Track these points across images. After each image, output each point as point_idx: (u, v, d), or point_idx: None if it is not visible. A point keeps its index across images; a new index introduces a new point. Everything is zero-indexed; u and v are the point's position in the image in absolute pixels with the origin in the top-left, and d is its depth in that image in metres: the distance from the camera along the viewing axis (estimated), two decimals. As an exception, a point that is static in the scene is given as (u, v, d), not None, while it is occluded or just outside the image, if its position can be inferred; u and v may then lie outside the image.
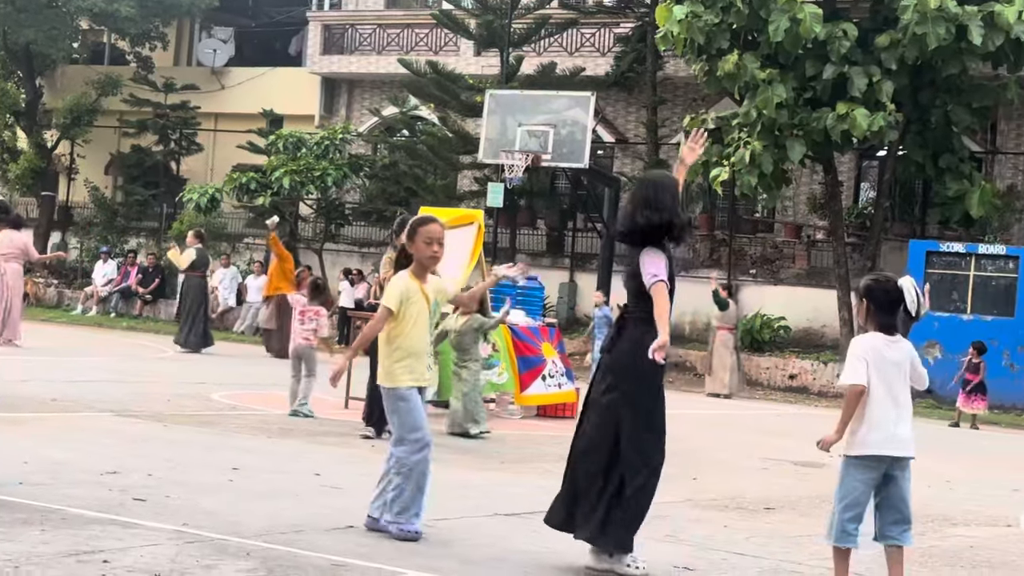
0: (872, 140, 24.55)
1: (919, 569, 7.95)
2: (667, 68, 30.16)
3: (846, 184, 29.09)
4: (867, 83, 23.38)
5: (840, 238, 26.03)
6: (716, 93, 27.38)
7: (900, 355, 6.69)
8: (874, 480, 6.63)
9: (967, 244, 24.59)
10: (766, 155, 23.94)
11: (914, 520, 9.90)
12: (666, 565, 7.32)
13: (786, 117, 23.84)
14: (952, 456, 15.76)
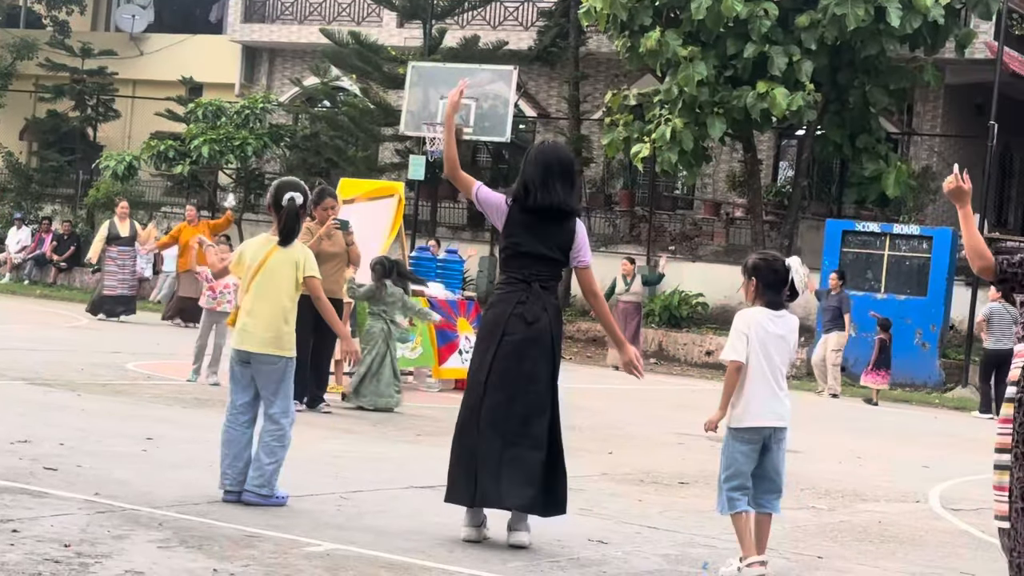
0: (791, 119, 24.75)
1: (829, 544, 8.07)
2: (590, 44, 30.19)
3: (765, 163, 29.33)
4: (787, 62, 23.57)
5: (758, 216, 26.25)
6: (638, 70, 27.48)
7: (784, 329, 6.84)
8: (755, 451, 6.79)
9: (882, 224, 24.89)
10: (687, 132, 24.07)
11: (825, 496, 10.10)
12: (581, 538, 7.36)
13: (707, 95, 23.98)
14: (864, 433, 15.99)
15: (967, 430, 17.44)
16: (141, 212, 31.81)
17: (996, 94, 24.45)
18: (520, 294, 7.08)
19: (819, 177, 30.06)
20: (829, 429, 16.08)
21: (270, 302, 7.55)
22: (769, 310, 6.82)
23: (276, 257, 7.59)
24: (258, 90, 34.03)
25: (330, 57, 30.71)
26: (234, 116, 30.28)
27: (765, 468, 6.81)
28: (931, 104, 28.70)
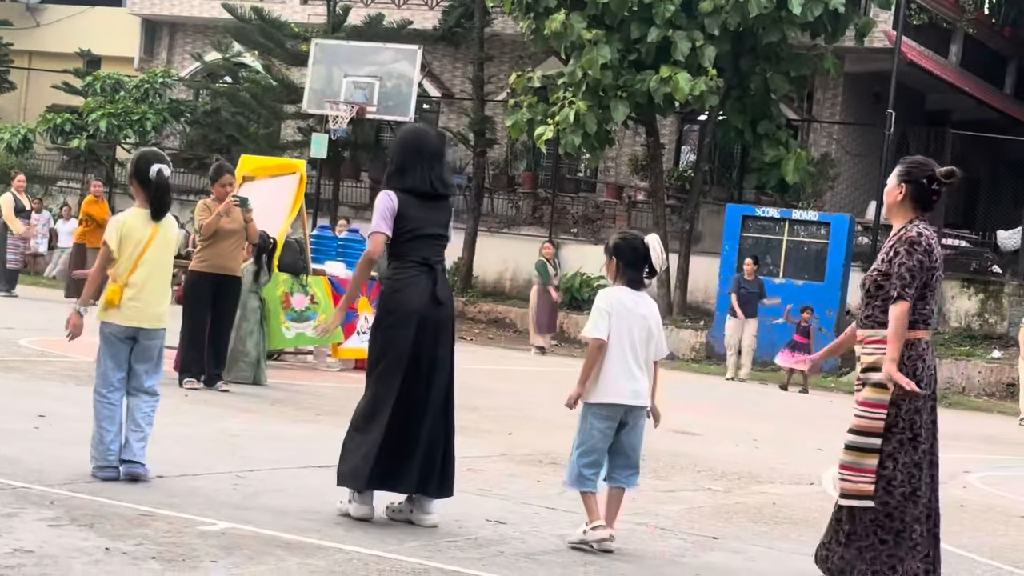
0: (694, 104, 24.91)
1: (724, 525, 8.14)
2: (495, 25, 30.15)
3: (667, 147, 29.51)
4: (690, 47, 23.70)
5: (660, 200, 26.41)
6: (543, 52, 27.50)
7: (646, 309, 6.92)
8: (611, 428, 6.88)
9: (782, 209, 25.15)
10: (590, 115, 24.13)
11: (721, 477, 10.20)
12: (479, 518, 7.36)
13: (611, 78, 24.06)
14: (761, 417, 16.17)
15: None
16: (36, 186, 31.27)
17: (894, 83, 24.80)
18: (426, 277, 7.08)
19: (720, 162, 30.31)
20: (728, 412, 16.24)
21: (157, 278, 7.51)
22: (630, 289, 6.90)
23: (159, 233, 7.51)
24: (158, 64, 33.59)
25: (232, 32, 30.37)
26: (133, 90, 29.87)
27: (622, 445, 6.90)
28: (831, 92, 29.04)
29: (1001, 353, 23.74)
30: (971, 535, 8.75)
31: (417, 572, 5.96)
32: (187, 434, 9.35)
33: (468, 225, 28.89)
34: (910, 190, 6.31)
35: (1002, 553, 8.18)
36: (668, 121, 29.37)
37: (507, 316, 27.33)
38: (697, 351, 24.68)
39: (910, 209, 6.32)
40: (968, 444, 15.32)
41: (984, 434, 16.83)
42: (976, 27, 31.19)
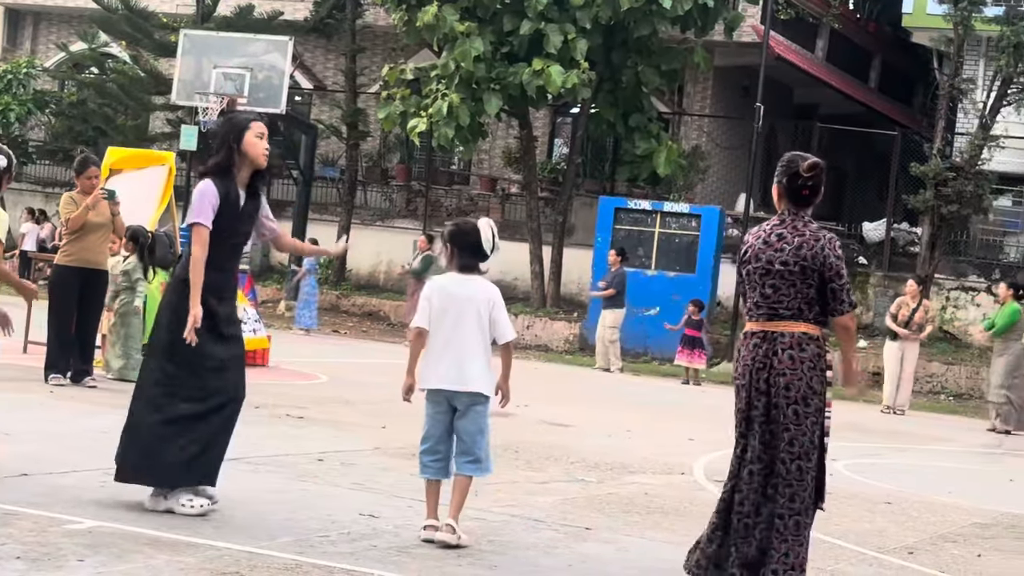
0: (566, 97, 25.04)
1: (597, 515, 8.19)
2: (367, 16, 30.00)
3: (540, 139, 29.61)
4: (562, 41, 23.80)
5: (534, 192, 26.50)
6: (415, 44, 27.42)
7: (472, 291, 6.90)
8: (441, 413, 6.86)
9: (653, 202, 25.38)
10: (463, 108, 24.12)
11: (594, 468, 10.26)
12: (352, 512, 7.32)
13: (483, 71, 24.07)
14: (634, 407, 16.30)
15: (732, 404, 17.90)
16: None
17: (762, 77, 25.16)
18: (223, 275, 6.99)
19: (593, 155, 30.49)
20: (600, 403, 16.35)
21: None
22: (459, 274, 6.93)
23: None
24: (22, 54, 32.86)
25: (99, 22, 29.83)
26: (-4, 81, 29.17)
27: (459, 431, 6.89)
28: (701, 85, 29.37)
29: (867, 343, 24.22)
30: (837, 522, 8.91)
31: (290, 568, 5.90)
32: (53, 431, 9.16)
33: (341, 218, 28.73)
34: (781, 189, 6.46)
35: (867, 539, 8.34)
36: (541, 114, 29.48)
37: (381, 309, 27.24)
38: (571, 343, 24.82)
39: (785, 205, 6.51)
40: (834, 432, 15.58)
41: (850, 422, 17.13)
42: (841, 22, 31.77)
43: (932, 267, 23.96)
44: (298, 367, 16.41)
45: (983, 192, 24.09)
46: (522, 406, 14.39)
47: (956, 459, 14.47)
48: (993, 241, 26.28)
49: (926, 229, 24.53)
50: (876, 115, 32.14)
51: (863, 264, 26.16)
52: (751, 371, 6.31)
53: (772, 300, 6.32)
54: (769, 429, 6.29)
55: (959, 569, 7.66)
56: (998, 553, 8.32)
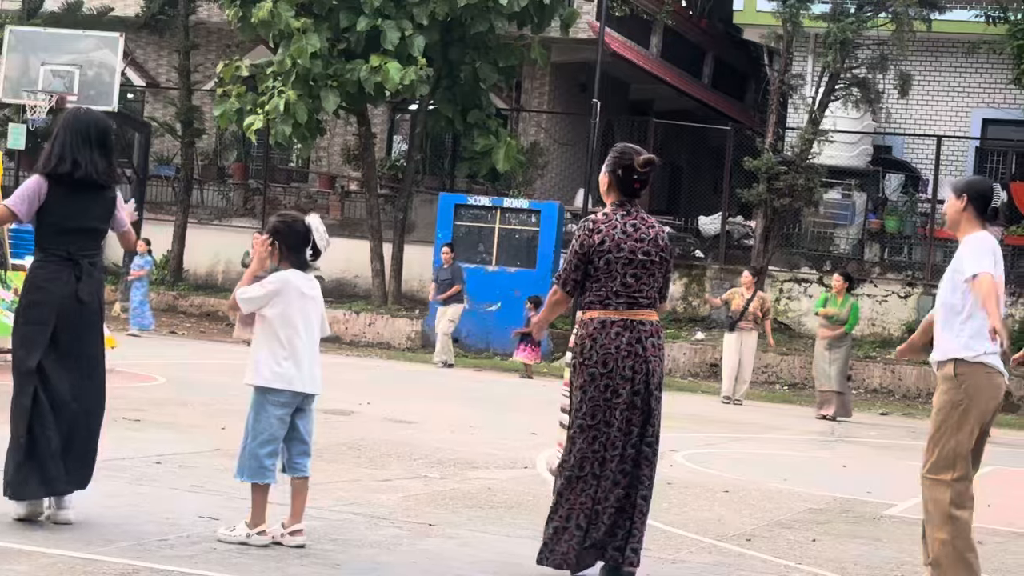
0: (404, 93, 24.96)
1: (440, 511, 8.19)
2: (200, 12, 29.56)
3: (379, 136, 29.50)
4: (399, 37, 23.73)
5: (373, 190, 26.39)
6: (251, 40, 27.10)
7: (316, 292, 6.91)
8: (289, 415, 6.78)
9: (493, 198, 25.46)
10: (301, 105, 23.91)
11: (437, 464, 10.26)
12: (191, 515, 7.21)
13: (320, 67, 23.88)
14: (475, 402, 16.34)
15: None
16: None
17: (599, 73, 25.40)
18: (68, 273, 6.78)
19: (432, 151, 30.47)
20: (443, 399, 16.35)
21: None
22: (300, 272, 6.86)
23: None
24: None
25: (-80, 18, 28.88)
26: None
27: (299, 431, 6.82)
28: (539, 81, 29.54)
29: (704, 335, 24.63)
30: (678, 511, 9.04)
31: (127, 573, 5.79)
32: None
33: (177, 217, 28.28)
34: (613, 179, 6.55)
35: (707, 527, 8.47)
36: (379, 111, 29.37)
37: (219, 309, 26.87)
38: (412, 340, 24.79)
39: (615, 196, 6.58)
40: (675, 423, 15.82)
41: (689, 413, 17.41)
42: (675, 19, 32.22)
43: (766, 259, 24.44)
44: (135, 369, 16.10)
45: (814, 185, 24.64)
46: (364, 404, 14.33)
47: (791, 447, 14.79)
48: (824, 233, 26.90)
49: (760, 222, 25.02)
50: (710, 110, 32.69)
51: (699, 257, 26.58)
52: (615, 359, 6.40)
53: (634, 289, 6.44)
54: (628, 416, 6.39)
55: (795, 554, 7.83)
56: (831, 537, 8.52)
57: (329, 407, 13.54)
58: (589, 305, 6.49)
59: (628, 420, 6.43)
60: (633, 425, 6.45)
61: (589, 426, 6.44)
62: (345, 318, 25.43)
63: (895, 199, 26.45)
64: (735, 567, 7.29)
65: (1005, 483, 13.04)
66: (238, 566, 6.16)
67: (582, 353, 6.46)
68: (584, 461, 6.44)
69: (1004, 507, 10.84)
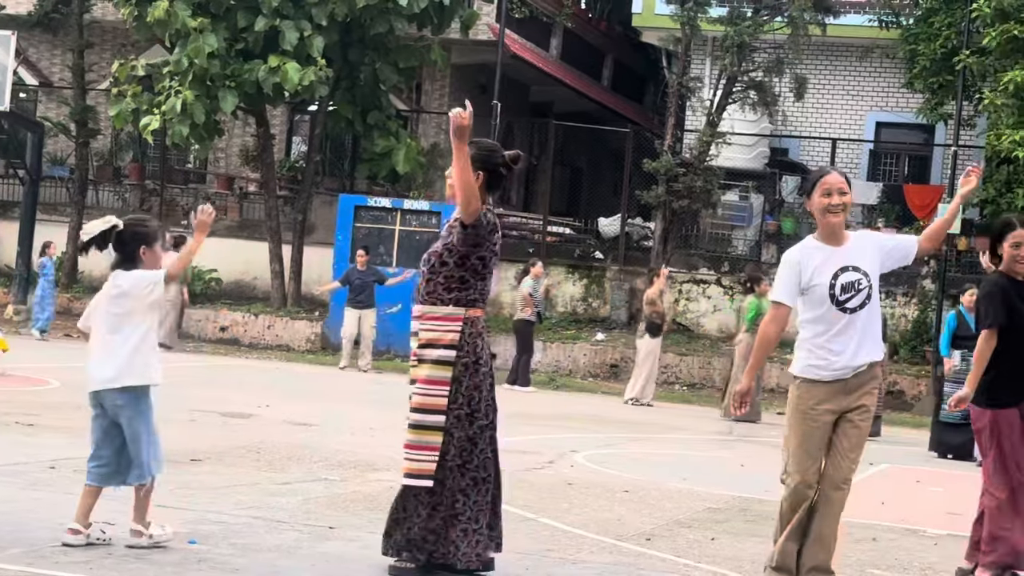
0: (303, 94, 24.79)
1: (341, 514, 8.14)
2: (95, 11, 29.11)
3: (278, 137, 29.28)
4: (298, 37, 23.58)
5: (272, 191, 26.19)
6: (147, 40, 26.76)
7: (118, 290, 6.84)
8: (100, 417, 6.72)
9: (393, 199, 25.38)
10: (198, 105, 23.66)
11: (338, 467, 10.20)
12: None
13: (218, 67, 23.65)
14: (376, 405, 16.28)
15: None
16: None
17: (499, 75, 25.44)
18: None
19: (332, 153, 30.30)
20: (344, 402, 16.27)
21: None
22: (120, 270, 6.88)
23: None
24: None
25: None
26: None
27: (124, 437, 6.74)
28: (439, 83, 29.50)
29: (604, 335, 24.76)
30: (579, 512, 9.07)
31: (19, 581, 5.69)
32: None
33: (72, 219, 27.84)
34: (486, 176, 6.52)
35: (607, 527, 8.51)
36: (278, 111, 29.15)
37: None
38: (312, 342, 24.64)
39: (485, 192, 6.60)
40: (575, 424, 15.90)
41: (590, 414, 17.51)
42: (574, 21, 32.35)
43: (665, 261, 24.62)
44: (28, 373, 15.83)
45: (712, 187, 24.89)
46: (264, 407, 14.22)
47: (690, 447, 14.91)
48: (722, 235, 27.16)
49: (659, 224, 25.21)
50: (609, 113, 32.86)
51: (599, 259, 26.71)
52: (486, 356, 6.51)
53: (485, 286, 6.57)
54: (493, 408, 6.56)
55: (694, 553, 7.89)
56: (730, 536, 8.60)
57: (228, 410, 13.43)
58: (473, 303, 6.52)
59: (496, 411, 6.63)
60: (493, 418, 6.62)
61: (484, 426, 6.48)
62: (244, 320, 25.22)
63: (791, 201, 26.79)
64: (635, 566, 7.33)
65: (898, 480, 13.26)
66: (134, 571, 6.08)
67: (475, 352, 6.46)
68: (487, 462, 6.46)
69: (897, 504, 11.03)
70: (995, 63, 22.85)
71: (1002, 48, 22.31)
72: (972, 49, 23.20)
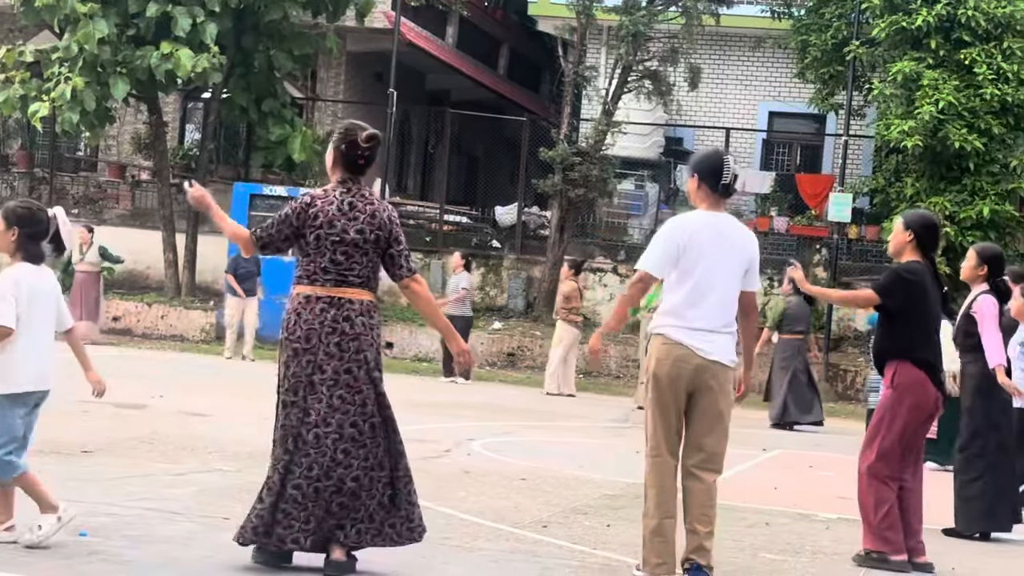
0: (196, 81, 24.51)
1: (235, 504, 8.06)
2: (-18, -5, 28.55)
3: (171, 125, 28.94)
4: (191, 24, 23.29)
5: (165, 179, 25.87)
6: (35, 25, 26.25)
7: (48, 285, 6.66)
8: (29, 414, 6.58)
9: (289, 188, 25.19)
10: (88, 92, 23.29)
11: (233, 458, 10.11)
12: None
13: (109, 54, 23.30)
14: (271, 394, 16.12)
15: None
16: None
17: (394, 63, 25.34)
18: None
19: (226, 140, 30.02)
20: (239, 392, 16.13)
21: None
22: (32, 265, 6.59)
23: None
24: None
25: None
26: None
27: (30, 428, 6.61)
28: (334, 71, 29.34)
29: (502, 324, 24.81)
30: (476, 500, 9.09)
31: (-96, 577, 5.57)
32: None
33: (-42, 207, 27.28)
34: (337, 155, 6.55)
35: (504, 515, 8.53)
36: (171, 99, 28.80)
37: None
38: (207, 332, 24.40)
39: (340, 172, 6.58)
40: (472, 412, 15.92)
41: (486, 402, 17.54)
42: (470, 10, 32.32)
43: (561, 249, 24.73)
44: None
45: (607, 176, 25.04)
46: (157, 397, 14.05)
47: (587, 435, 14.99)
48: (618, 223, 27.33)
49: (555, 212, 25.29)
50: (506, 101, 32.90)
51: (496, 248, 26.75)
52: (319, 335, 6.37)
53: (343, 267, 6.45)
54: (337, 393, 6.36)
55: (590, 539, 7.94)
56: (625, 522, 8.66)
57: (121, 401, 13.24)
58: (298, 280, 6.50)
59: (342, 398, 6.37)
60: (349, 404, 6.37)
61: (292, 402, 6.40)
62: (137, 310, 24.91)
63: (687, 190, 27.05)
64: (531, 554, 7.35)
65: (790, 466, 13.46)
66: (24, 566, 5.98)
67: (287, 328, 6.42)
68: (287, 437, 6.39)
69: (789, 489, 11.19)
70: (884, 54, 23.22)
71: (891, 39, 22.70)
72: (862, 40, 23.56)
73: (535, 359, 23.60)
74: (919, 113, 21.53)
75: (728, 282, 6.83)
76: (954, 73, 22.00)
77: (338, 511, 6.31)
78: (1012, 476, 9.37)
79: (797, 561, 7.88)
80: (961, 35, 22.11)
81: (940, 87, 21.58)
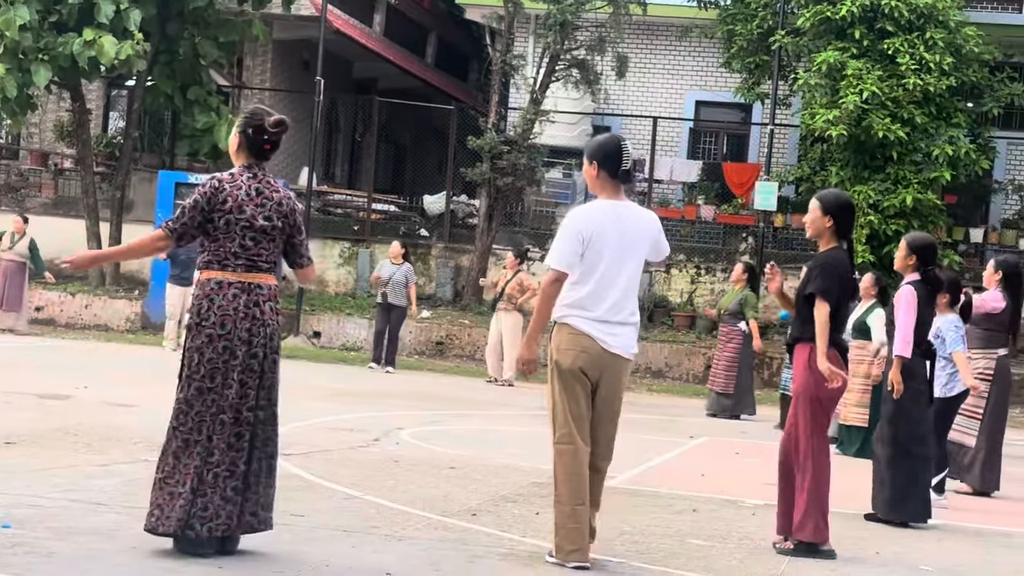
0: (120, 69, 24.23)
1: (162, 495, 8.00)
2: (-100, -20, 28.04)
3: (95, 112, 28.62)
4: (115, 10, 23.03)
5: (88, 168, 25.58)
6: (-44, 10, 25.86)
7: None
8: None
9: (214, 176, 25.00)
10: (10, 79, 22.97)
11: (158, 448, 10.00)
12: None
13: (31, 40, 22.99)
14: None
15: (306, 378, 17.91)
16: None
17: (322, 50, 25.20)
18: None
19: (151, 128, 29.74)
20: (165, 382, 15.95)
21: None
22: None
23: None
24: None
25: None
26: None
27: None
28: (260, 58, 29.14)
29: (430, 313, 24.76)
30: (405, 488, 9.08)
31: None
32: None
33: None
34: (243, 139, 6.59)
35: (433, 504, 8.53)
36: (95, 86, 28.48)
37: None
38: (132, 322, 24.18)
39: (245, 157, 6.66)
40: (400, 401, 15.89)
41: (415, 391, 17.52)
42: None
43: (490, 238, 24.73)
44: None
45: (536, 164, 25.07)
46: (81, 388, 13.90)
47: (516, 423, 15.01)
48: (546, 212, 27.37)
49: (484, 201, 25.29)
50: (434, 90, 32.84)
51: (425, 236, 26.71)
52: (233, 321, 6.41)
53: (252, 252, 6.49)
54: (243, 379, 6.42)
55: (519, 527, 7.95)
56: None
57: (44, 391, 13.10)
58: (207, 265, 6.50)
59: (244, 383, 6.44)
60: (249, 388, 6.45)
61: (208, 388, 6.40)
62: (60, 300, 24.62)
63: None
64: (461, 542, 7.36)
65: (717, 453, 13.56)
66: (-54, 559, 5.90)
67: (199, 314, 6.44)
68: (202, 424, 6.38)
69: (716, 476, 11.27)
70: (809, 44, 23.41)
71: (815, 29, 22.91)
72: (787, 30, 23.74)
73: (463, 348, 23.60)
74: (843, 103, 21.74)
75: (633, 272, 6.96)
76: (877, 63, 22.22)
77: (232, 495, 6.37)
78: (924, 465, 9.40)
79: (724, 547, 7.94)
80: (884, 25, 22.34)
81: (864, 77, 21.79)
